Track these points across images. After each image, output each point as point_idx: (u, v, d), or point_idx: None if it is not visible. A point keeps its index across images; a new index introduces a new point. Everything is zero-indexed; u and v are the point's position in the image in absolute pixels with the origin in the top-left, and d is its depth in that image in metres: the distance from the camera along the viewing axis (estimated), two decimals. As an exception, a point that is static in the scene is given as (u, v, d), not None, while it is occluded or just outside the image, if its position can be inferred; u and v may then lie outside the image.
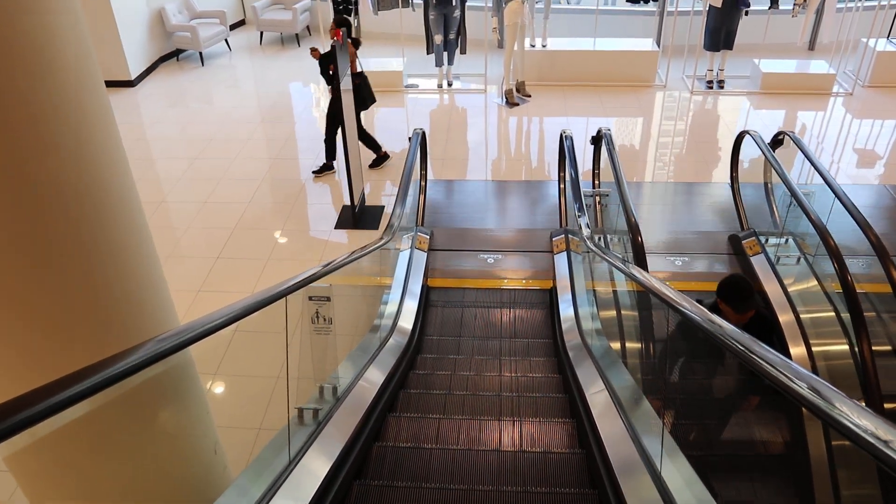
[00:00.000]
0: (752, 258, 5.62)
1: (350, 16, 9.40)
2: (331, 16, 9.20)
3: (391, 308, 4.91)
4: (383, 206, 6.95)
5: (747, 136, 6.08)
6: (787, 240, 5.63)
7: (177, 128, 8.89)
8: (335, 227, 6.66)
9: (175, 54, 11.01)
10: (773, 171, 6.37)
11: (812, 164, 5.39)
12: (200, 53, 10.79)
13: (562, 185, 6.49)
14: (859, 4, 8.99)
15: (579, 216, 4.86)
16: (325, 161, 7.55)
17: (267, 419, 3.62)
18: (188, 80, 10.34)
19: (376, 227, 6.56)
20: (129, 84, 10.02)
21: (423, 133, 6.28)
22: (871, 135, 8.51)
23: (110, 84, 9.89)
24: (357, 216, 6.60)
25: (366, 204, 6.90)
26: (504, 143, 8.48)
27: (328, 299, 3.21)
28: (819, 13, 9.51)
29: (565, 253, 5.75)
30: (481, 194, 7.23)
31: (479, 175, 7.61)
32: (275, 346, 2.90)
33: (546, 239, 6.11)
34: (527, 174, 7.67)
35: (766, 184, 6.41)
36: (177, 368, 2.72)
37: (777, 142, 6.11)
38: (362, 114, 7.32)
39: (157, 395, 2.61)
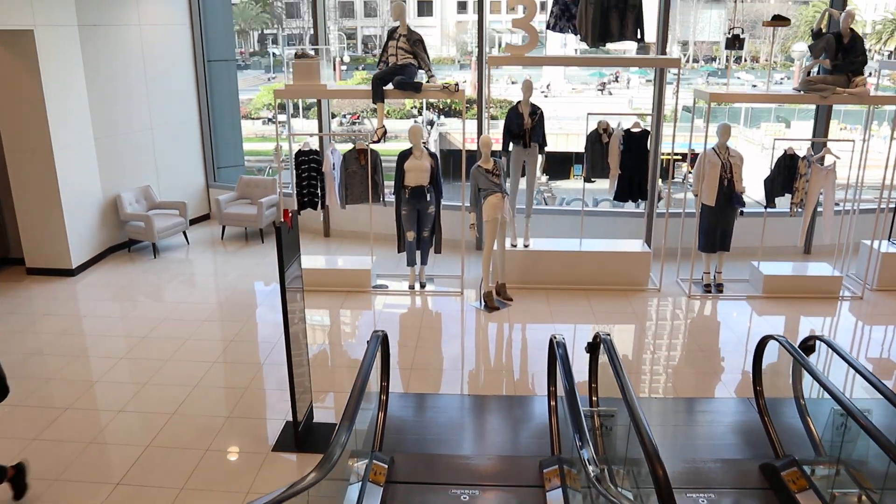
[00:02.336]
0: (797, 495, 4.43)
1: (315, 209, 8.70)
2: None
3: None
4: (336, 424, 5.73)
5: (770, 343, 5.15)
6: (838, 470, 4.49)
7: (110, 323, 7.80)
8: (273, 449, 5.38)
9: (128, 244, 10.18)
10: (803, 382, 5.40)
11: (863, 376, 4.42)
12: (154, 245, 9.96)
13: (552, 402, 5.36)
14: (856, 207, 8.50)
15: (580, 447, 3.70)
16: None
17: None
18: (136, 272, 9.41)
19: (325, 450, 5.29)
20: (69, 273, 9.06)
21: (385, 335, 5.22)
22: (885, 341, 7.68)
23: (47, 272, 9.01)
24: (301, 436, 5.35)
25: (314, 420, 5.68)
26: (483, 351, 7.45)
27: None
28: (814, 216, 8.98)
29: (560, 490, 4.52)
30: (456, 411, 6.05)
31: (454, 388, 6.48)
32: None
33: (534, 469, 4.88)
34: (508, 388, 6.56)
35: (797, 399, 5.35)
36: None
37: (807, 348, 5.14)
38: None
39: None
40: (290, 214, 4.98)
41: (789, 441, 5.25)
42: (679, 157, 11.83)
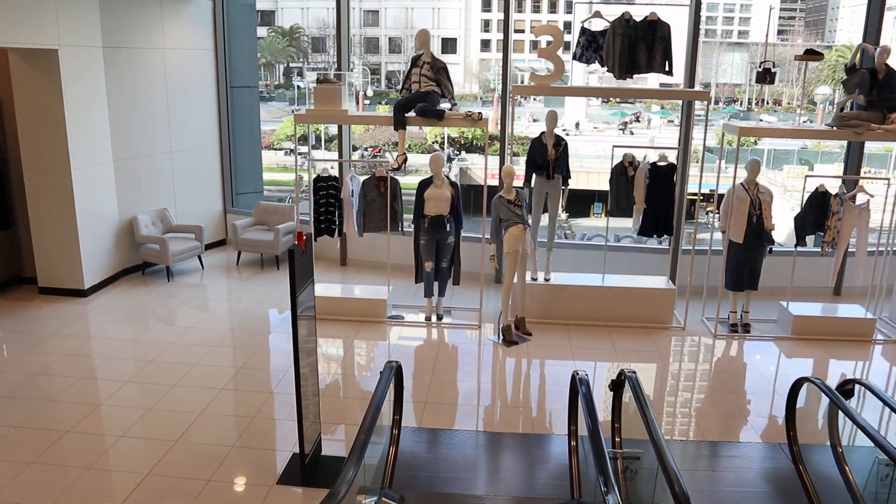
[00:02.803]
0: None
1: (332, 236, 8.54)
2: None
3: None
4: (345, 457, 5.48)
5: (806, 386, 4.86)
6: (882, 526, 4.18)
7: (118, 345, 7.63)
8: (278, 482, 5.14)
9: (143, 267, 10.06)
10: (838, 429, 5.11)
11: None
12: (168, 268, 9.83)
13: (573, 442, 5.09)
14: (890, 248, 8.19)
15: (605, 492, 3.43)
16: None
17: None
18: (149, 295, 9.27)
19: (332, 485, 5.04)
20: (81, 294, 8.94)
21: (399, 367, 4.99)
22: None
23: (59, 292, 8.89)
24: (308, 469, 5.11)
25: (322, 453, 5.43)
26: (500, 387, 7.19)
27: None
28: (845, 256, 8.66)
29: (580, 537, 4.24)
30: (470, 448, 5.78)
31: (469, 424, 6.22)
32: None
33: (552, 513, 4.61)
34: (525, 426, 6.28)
35: (833, 446, 5.04)
36: None
37: (846, 392, 4.84)
38: None
39: None
40: (305, 238, 4.80)
41: (824, 491, 4.94)
42: (702, 198, 11.58)
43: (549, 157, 8.01)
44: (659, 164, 8.11)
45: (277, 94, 52.46)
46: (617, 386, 5.03)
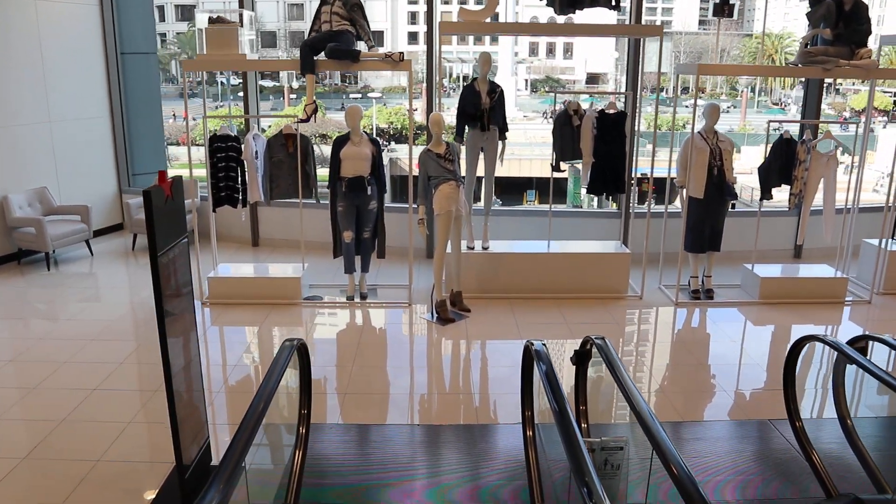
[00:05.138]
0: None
1: (236, 206, 7.33)
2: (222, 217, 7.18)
3: None
4: (243, 467, 4.33)
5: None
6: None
7: (-28, 345, 6.27)
8: (153, 501, 3.96)
9: (19, 255, 8.62)
10: (846, 398, 4.26)
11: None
12: (48, 255, 8.43)
13: (529, 432, 4.06)
14: (856, 207, 7.50)
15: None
16: None
17: None
18: (21, 287, 7.88)
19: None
20: (-64, 289, 7.52)
21: (302, 345, 3.83)
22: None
23: None
24: (190, 484, 3.94)
25: (212, 463, 4.27)
26: (436, 373, 6.14)
27: None
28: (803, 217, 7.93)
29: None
30: (403, 445, 4.69)
31: (401, 417, 5.15)
32: None
33: (507, 523, 3.58)
34: (467, 416, 5.25)
35: (842, 419, 4.15)
36: None
37: (859, 352, 3.97)
38: None
39: None
40: (171, 180, 3.62)
41: (833, 473, 4.06)
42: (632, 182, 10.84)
43: (483, 106, 6.97)
44: (608, 111, 7.17)
45: (199, 90, 50.08)
46: (582, 358, 4.02)
